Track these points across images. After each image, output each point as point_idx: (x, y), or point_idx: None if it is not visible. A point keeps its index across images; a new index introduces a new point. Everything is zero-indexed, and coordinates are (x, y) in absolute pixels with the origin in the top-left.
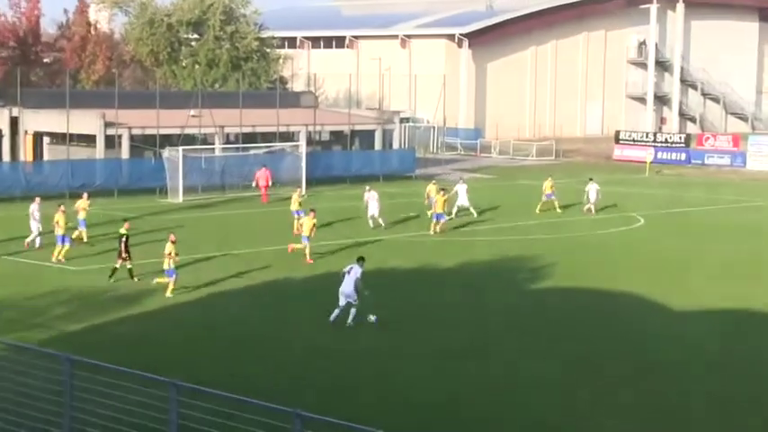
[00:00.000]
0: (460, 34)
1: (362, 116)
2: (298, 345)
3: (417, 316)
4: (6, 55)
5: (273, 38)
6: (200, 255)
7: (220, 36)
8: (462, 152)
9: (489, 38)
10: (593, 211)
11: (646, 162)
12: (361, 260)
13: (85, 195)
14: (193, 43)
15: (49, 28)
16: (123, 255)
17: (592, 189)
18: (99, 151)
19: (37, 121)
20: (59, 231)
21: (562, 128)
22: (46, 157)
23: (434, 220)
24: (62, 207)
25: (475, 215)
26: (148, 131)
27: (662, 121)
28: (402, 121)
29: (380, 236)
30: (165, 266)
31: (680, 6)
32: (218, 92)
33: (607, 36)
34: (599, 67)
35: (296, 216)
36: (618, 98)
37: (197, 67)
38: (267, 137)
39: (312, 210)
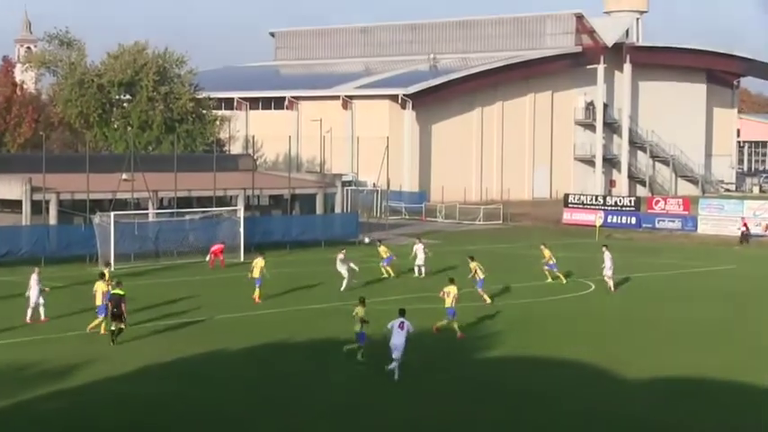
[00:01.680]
0: (404, 95)
1: (303, 179)
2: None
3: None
4: None
5: (210, 98)
6: (136, 323)
7: (153, 97)
8: (407, 216)
9: (433, 98)
10: (611, 286)
11: (596, 226)
12: (402, 312)
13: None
14: (125, 104)
15: None
16: (123, 316)
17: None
18: (25, 217)
19: None
20: None
21: (510, 191)
22: None
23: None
24: None
25: (422, 276)
26: (78, 196)
27: (611, 183)
28: (344, 184)
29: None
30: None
31: (627, 67)
32: (151, 155)
33: (554, 97)
34: (546, 128)
35: (257, 285)
36: (566, 160)
37: (129, 129)
38: (203, 201)
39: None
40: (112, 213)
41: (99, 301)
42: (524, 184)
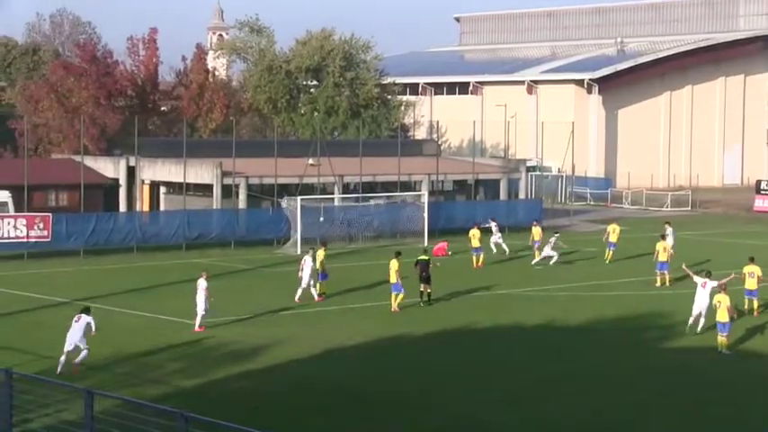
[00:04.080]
0: (590, 79)
1: (487, 165)
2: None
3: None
4: (124, 104)
5: (395, 84)
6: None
7: (340, 83)
8: (592, 202)
9: (620, 83)
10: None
11: None
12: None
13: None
14: (312, 90)
15: (166, 76)
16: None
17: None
18: (216, 201)
19: (154, 170)
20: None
21: (698, 177)
22: (162, 207)
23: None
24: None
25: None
26: (266, 181)
27: None
28: (528, 169)
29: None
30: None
31: None
32: (337, 140)
33: (746, 80)
34: (738, 112)
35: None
36: (759, 145)
37: (316, 114)
38: (388, 186)
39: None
40: (299, 198)
41: (393, 279)
42: (714, 170)
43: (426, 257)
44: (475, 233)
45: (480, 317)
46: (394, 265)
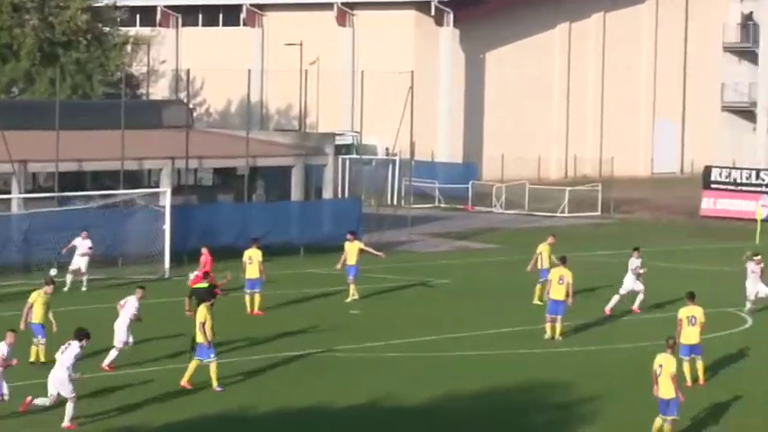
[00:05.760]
0: (439, 1)
1: (270, 143)
2: None
3: None
4: None
5: (117, 8)
6: None
7: (22, 4)
8: (443, 204)
9: (489, 8)
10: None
11: (757, 220)
12: None
13: None
14: None
15: None
16: None
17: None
18: None
19: None
20: None
21: (614, 162)
22: None
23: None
24: None
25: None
26: None
27: None
28: (339, 150)
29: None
30: None
31: None
32: (16, 101)
33: (688, 5)
34: (677, 58)
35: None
36: (708, 112)
37: None
38: (103, 179)
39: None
40: None
41: (201, 338)
42: (638, 152)
43: (207, 285)
44: (253, 255)
45: (265, 397)
46: (202, 315)
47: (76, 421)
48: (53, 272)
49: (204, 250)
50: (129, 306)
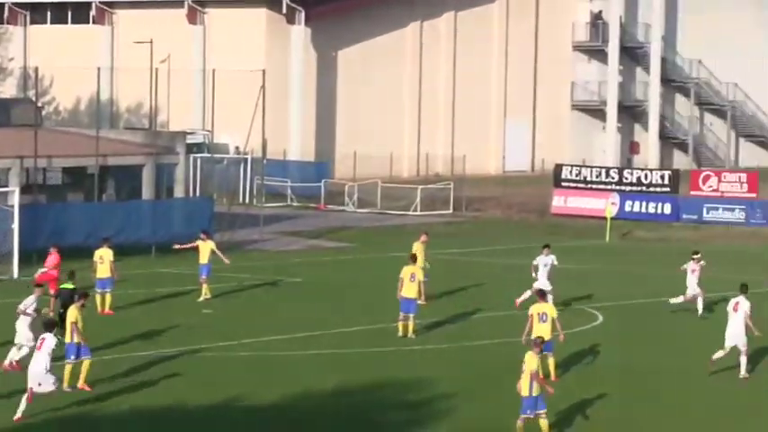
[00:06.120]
0: (291, 0)
1: (120, 142)
2: None
3: None
4: None
5: None
6: None
7: None
8: (295, 203)
9: (341, 7)
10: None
11: (606, 218)
12: (744, 288)
13: None
14: None
15: None
16: None
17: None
18: None
19: None
20: None
21: (466, 161)
22: None
23: None
24: None
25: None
26: None
27: (632, 147)
28: (191, 149)
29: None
30: None
31: None
32: None
33: (539, 5)
34: (526, 58)
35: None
36: (558, 110)
37: None
38: None
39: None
40: None
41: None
42: (490, 150)
43: (73, 285)
44: (104, 254)
45: (118, 397)
46: (72, 315)
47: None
48: None
49: (53, 250)
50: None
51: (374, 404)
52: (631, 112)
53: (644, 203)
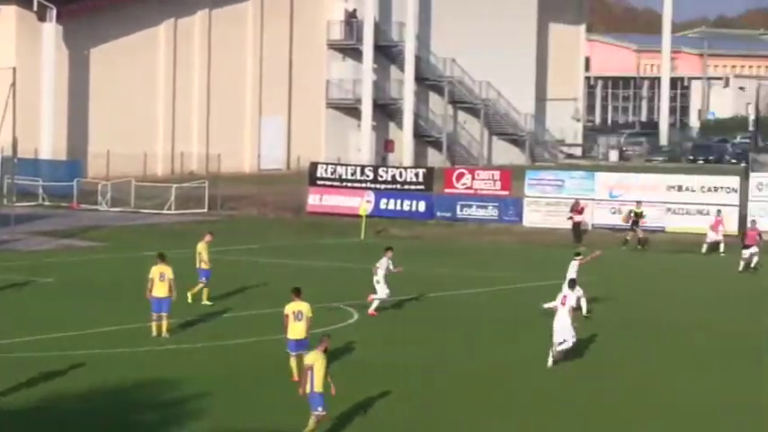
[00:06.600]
0: None
1: None
2: None
3: None
4: None
5: None
6: None
7: None
8: (47, 202)
9: (93, 5)
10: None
11: (361, 216)
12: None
13: None
14: None
15: None
16: None
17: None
18: None
19: None
20: None
21: (221, 159)
22: None
23: None
24: None
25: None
26: None
27: (387, 146)
28: None
29: None
30: None
31: None
32: None
33: (293, 4)
34: (281, 56)
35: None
36: (313, 108)
37: None
38: None
39: None
40: None
41: None
42: (245, 149)
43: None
44: None
45: None
46: None
47: None
48: None
49: None
50: None
51: (129, 405)
52: (386, 111)
53: (399, 201)
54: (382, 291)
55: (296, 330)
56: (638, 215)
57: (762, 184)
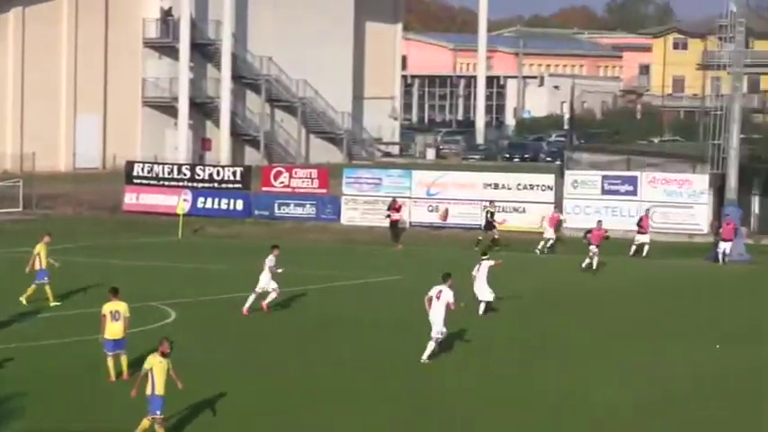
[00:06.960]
0: None
1: None
2: None
3: None
4: None
5: None
6: None
7: None
8: None
9: None
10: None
11: (178, 214)
12: (447, 277)
13: None
14: None
15: None
16: None
17: None
18: None
19: None
20: None
21: (36, 158)
22: None
23: None
24: None
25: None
26: None
27: (204, 144)
28: None
29: None
30: None
31: None
32: None
33: (109, 1)
34: (96, 54)
35: None
36: (129, 107)
37: None
38: None
39: None
40: None
41: None
42: (60, 147)
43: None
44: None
45: None
46: None
47: None
48: None
49: None
50: None
51: None
52: (203, 109)
53: (216, 200)
54: (269, 284)
55: (113, 330)
56: (492, 214)
57: (577, 182)
